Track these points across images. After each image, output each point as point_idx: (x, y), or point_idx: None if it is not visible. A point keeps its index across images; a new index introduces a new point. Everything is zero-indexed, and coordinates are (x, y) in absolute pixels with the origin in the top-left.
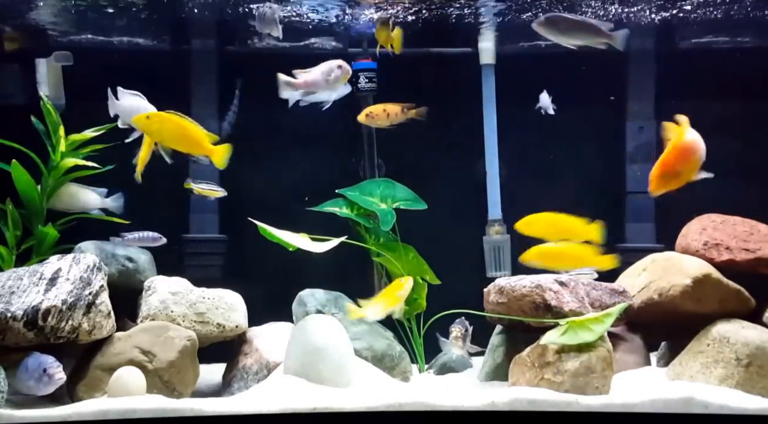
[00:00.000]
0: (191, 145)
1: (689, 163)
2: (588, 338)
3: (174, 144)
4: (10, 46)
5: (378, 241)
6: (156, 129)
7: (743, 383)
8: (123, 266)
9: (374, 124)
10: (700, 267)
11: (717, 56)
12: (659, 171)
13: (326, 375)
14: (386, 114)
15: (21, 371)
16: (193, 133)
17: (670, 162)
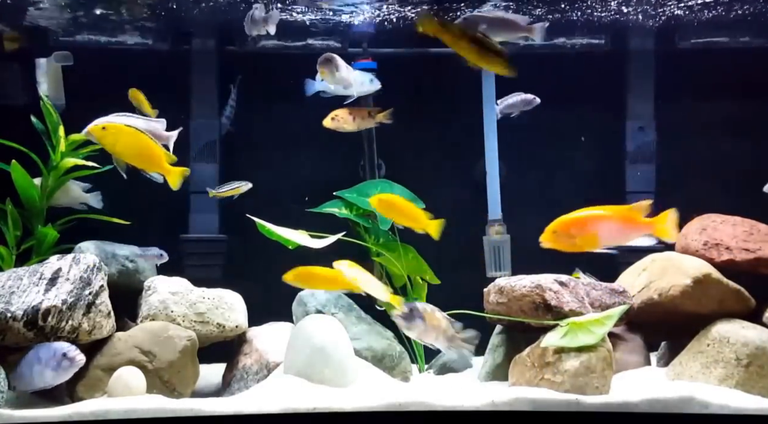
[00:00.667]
0: (147, 161)
1: (586, 236)
2: (588, 340)
3: (129, 158)
4: (10, 46)
5: (378, 241)
6: (111, 141)
7: (743, 383)
8: (123, 266)
9: (341, 128)
10: (700, 267)
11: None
12: (554, 226)
13: (326, 375)
14: (352, 117)
15: (30, 365)
16: (150, 149)
17: (569, 223)
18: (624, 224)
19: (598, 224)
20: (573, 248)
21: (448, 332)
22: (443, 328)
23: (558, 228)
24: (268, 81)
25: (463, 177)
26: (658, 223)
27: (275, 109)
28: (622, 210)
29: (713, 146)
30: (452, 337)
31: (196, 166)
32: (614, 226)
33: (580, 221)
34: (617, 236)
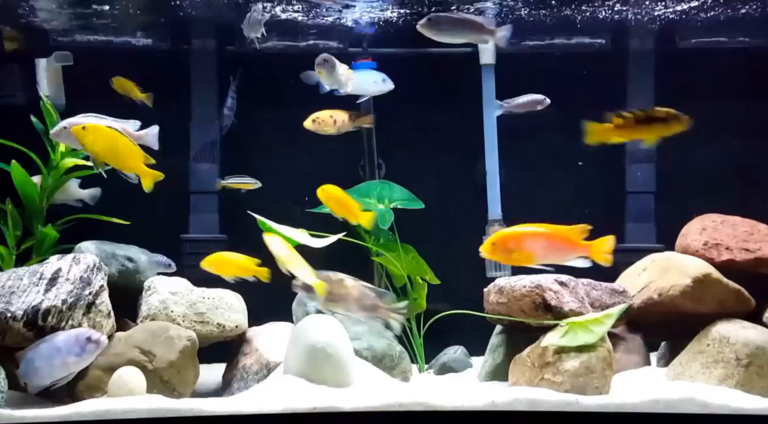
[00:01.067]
0: (123, 162)
1: (523, 252)
2: (588, 339)
3: (106, 158)
4: (10, 46)
5: (378, 241)
6: (90, 141)
7: (743, 383)
8: (123, 266)
9: (321, 130)
10: (700, 267)
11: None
12: (494, 238)
13: (326, 375)
14: (333, 120)
15: (48, 357)
16: (128, 150)
17: (507, 238)
18: (561, 244)
19: (536, 242)
20: (509, 262)
21: (365, 302)
22: (356, 297)
23: (497, 241)
24: (268, 81)
25: (463, 177)
26: (595, 247)
27: (275, 109)
28: (562, 230)
29: (713, 146)
30: (374, 306)
31: (196, 165)
32: (552, 245)
33: (519, 237)
34: (553, 255)
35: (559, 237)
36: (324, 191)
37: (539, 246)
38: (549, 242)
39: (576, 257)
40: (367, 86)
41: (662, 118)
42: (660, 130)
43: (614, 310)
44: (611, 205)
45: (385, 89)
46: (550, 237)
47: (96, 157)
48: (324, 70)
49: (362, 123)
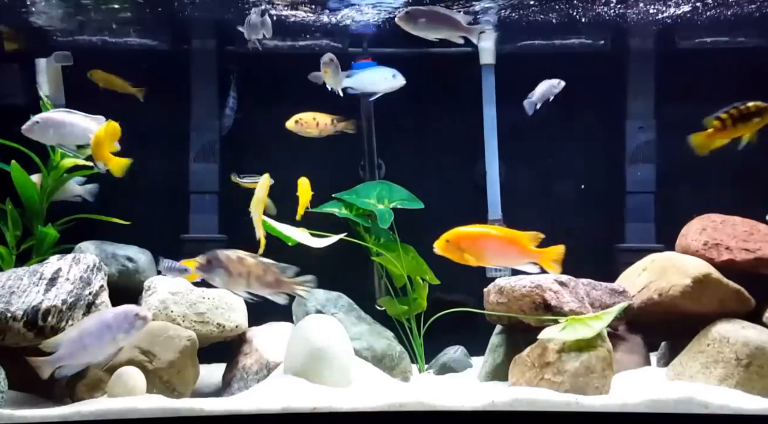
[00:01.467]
0: (92, 151)
1: (475, 251)
2: (586, 333)
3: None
4: (10, 46)
5: (378, 241)
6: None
7: (743, 383)
8: (123, 266)
9: (303, 132)
10: (700, 267)
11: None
12: (448, 235)
13: (326, 375)
14: (316, 123)
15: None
16: (93, 141)
17: (461, 236)
18: (513, 249)
19: (489, 243)
20: (460, 260)
21: (267, 278)
22: (256, 274)
23: (451, 238)
24: (268, 81)
25: (463, 177)
26: (545, 254)
27: (275, 109)
28: (515, 235)
29: None
30: (277, 282)
31: (196, 165)
32: (503, 248)
33: (472, 237)
34: (504, 258)
35: (511, 241)
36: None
37: (492, 248)
38: (501, 245)
39: (526, 263)
40: (378, 83)
41: (757, 111)
42: (757, 124)
43: (614, 308)
44: (611, 205)
45: (397, 85)
46: (503, 240)
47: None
48: (330, 70)
49: (344, 128)
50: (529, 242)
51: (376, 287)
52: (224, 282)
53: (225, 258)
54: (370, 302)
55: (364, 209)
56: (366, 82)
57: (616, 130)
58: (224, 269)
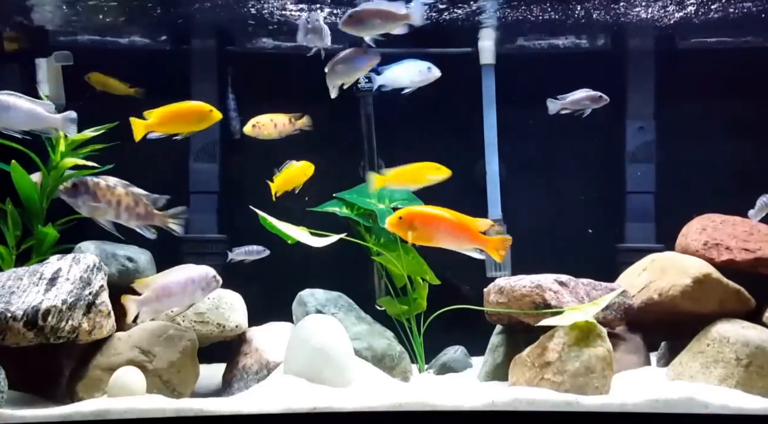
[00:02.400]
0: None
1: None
2: (581, 317)
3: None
4: (10, 46)
5: (378, 241)
6: None
7: (743, 383)
8: (123, 265)
9: (262, 135)
10: (700, 267)
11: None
12: (402, 213)
13: (326, 375)
14: (273, 124)
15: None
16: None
17: (414, 215)
18: (462, 233)
19: (440, 225)
20: (409, 238)
21: (137, 209)
22: (126, 203)
23: (404, 216)
24: (267, 81)
25: (463, 177)
26: (491, 242)
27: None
28: (467, 220)
29: (713, 146)
30: (147, 214)
31: (196, 165)
32: (454, 231)
33: (426, 217)
34: (453, 242)
35: (462, 226)
36: None
37: (442, 230)
38: (452, 228)
39: (473, 249)
40: (413, 77)
41: None
42: None
43: (609, 295)
44: (611, 205)
45: (432, 78)
46: (454, 224)
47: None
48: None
49: (302, 125)
50: (479, 228)
51: (376, 287)
52: (90, 209)
53: (93, 184)
54: (370, 302)
55: (365, 209)
56: (400, 78)
57: (616, 130)
58: (91, 196)
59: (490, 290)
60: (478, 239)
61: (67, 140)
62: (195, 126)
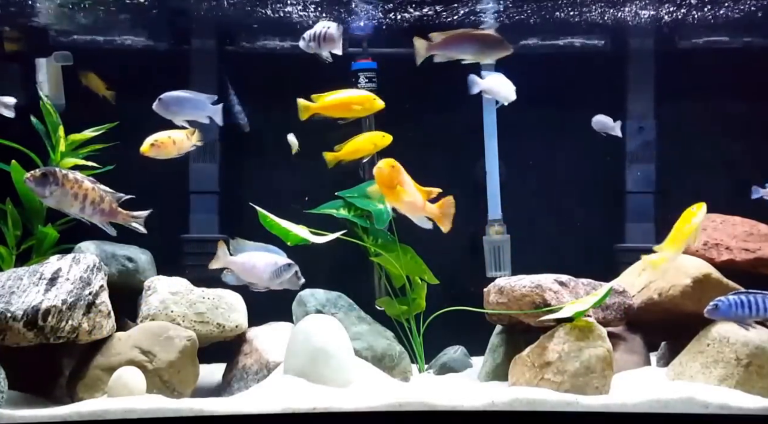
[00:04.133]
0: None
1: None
2: (580, 307)
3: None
4: (10, 46)
5: (376, 241)
6: None
7: (743, 383)
8: (123, 266)
9: (162, 154)
10: (700, 267)
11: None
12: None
13: (326, 375)
14: (172, 141)
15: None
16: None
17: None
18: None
19: (409, 189)
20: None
21: (103, 206)
22: (92, 199)
23: (395, 166)
24: (266, 81)
25: (463, 177)
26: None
27: (274, 109)
28: (422, 189)
29: (714, 146)
30: (112, 211)
31: (196, 165)
32: (415, 198)
33: (401, 177)
34: (410, 207)
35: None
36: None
37: (409, 194)
38: (415, 195)
39: (423, 215)
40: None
41: None
42: None
43: (607, 285)
44: (611, 205)
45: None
46: (417, 192)
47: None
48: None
49: (196, 141)
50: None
51: (375, 287)
52: (57, 200)
53: (62, 176)
54: (370, 302)
55: (363, 210)
56: (503, 89)
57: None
58: (59, 187)
59: (490, 290)
60: (427, 208)
61: (67, 140)
62: (357, 113)
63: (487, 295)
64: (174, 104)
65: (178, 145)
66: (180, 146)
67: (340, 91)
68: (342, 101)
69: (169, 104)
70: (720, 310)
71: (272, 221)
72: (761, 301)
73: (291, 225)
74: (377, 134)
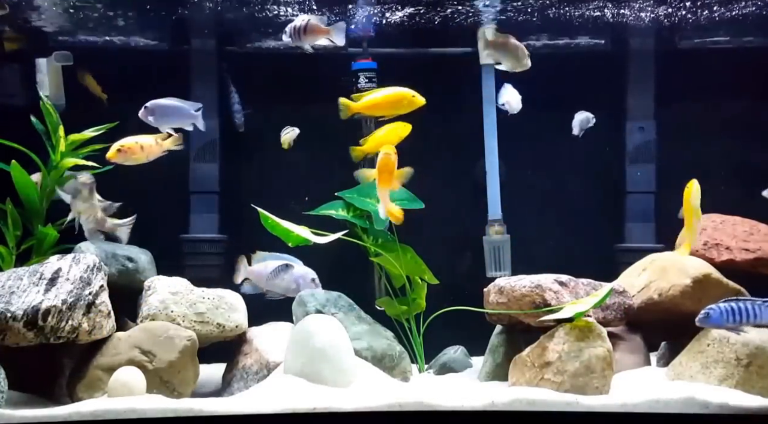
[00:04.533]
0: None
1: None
2: (581, 308)
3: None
4: (10, 46)
5: (376, 241)
6: None
7: (743, 383)
8: (123, 266)
9: (129, 160)
10: (700, 267)
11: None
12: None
13: (326, 375)
14: (140, 147)
15: (291, 279)
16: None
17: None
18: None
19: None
20: (384, 173)
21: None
22: (95, 212)
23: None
24: (267, 81)
25: (463, 177)
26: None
27: (274, 109)
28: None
29: (714, 146)
30: (101, 220)
31: (196, 165)
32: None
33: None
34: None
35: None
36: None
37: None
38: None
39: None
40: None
41: None
42: None
43: (606, 286)
44: (611, 206)
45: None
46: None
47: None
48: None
49: (169, 146)
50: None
51: (376, 287)
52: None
53: (85, 181)
54: (370, 302)
55: (361, 210)
56: (513, 101)
57: (616, 130)
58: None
59: (490, 290)
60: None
61: (67, 140)
62: (399, 110)
63: (487, 295)
64: (159, 112)
65: (146, 150)
66: (149, 152)
67: (381, 90)
68: (383, 99)
69: (155, 112)
70: (711, 318)
71: (273, 221)
72: (752, 308)
73: (292, 226)
74: (399, 125)
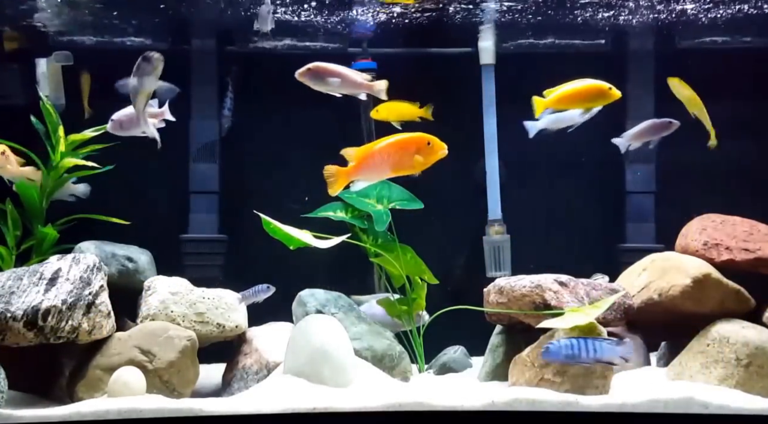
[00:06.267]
0: None
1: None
2: (582, 320)
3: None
4: (10, 46)
5: (376, 242)
6: None
7: (743, 383)
8: (123, 266)
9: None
10: (700, 267)
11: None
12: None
13: (326, 375)
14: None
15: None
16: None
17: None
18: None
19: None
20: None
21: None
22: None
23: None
24: (267, 81)
25: (463, 177)
26: None
27: (274, 109)
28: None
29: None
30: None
31: (196, 165)
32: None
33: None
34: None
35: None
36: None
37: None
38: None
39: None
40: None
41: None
42: None
43: (611, 298)
44: (611, 206)
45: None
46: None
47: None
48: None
49: (28, 174)
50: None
51: (376, 287)
52: None
53: None
54: None
55: (360, 211)
56: (563, 119)
57: (616, 130)
58: None
59: (490, 290)
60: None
61: (67, 140)
62: (594, 103)
63: (487, 295)
64: (126, 122)
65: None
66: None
67: (572, 82)
68: (576, 91)
69: (122, 123)
70: (549, 351)
71: (275, 226)
72: (590, 345)
73: (294, 230)
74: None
